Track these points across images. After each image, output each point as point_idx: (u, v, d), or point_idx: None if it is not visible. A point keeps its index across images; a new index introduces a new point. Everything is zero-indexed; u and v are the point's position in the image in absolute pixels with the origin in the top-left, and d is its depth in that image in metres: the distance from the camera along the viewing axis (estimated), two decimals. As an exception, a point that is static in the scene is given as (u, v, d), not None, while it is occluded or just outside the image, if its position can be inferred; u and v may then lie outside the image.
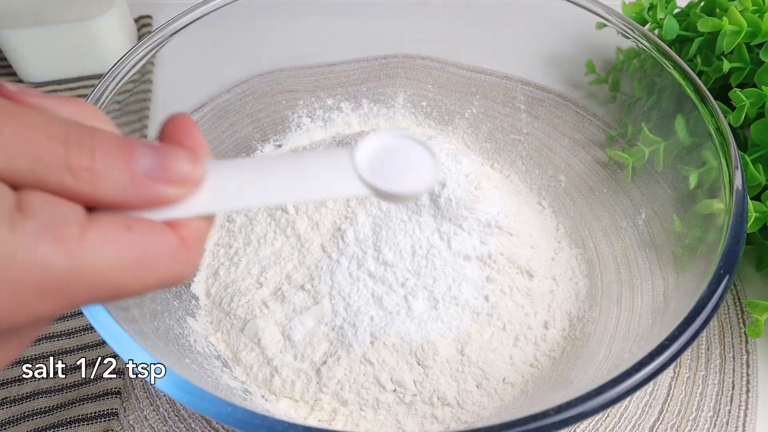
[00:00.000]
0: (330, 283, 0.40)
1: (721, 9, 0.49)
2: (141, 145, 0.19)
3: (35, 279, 0.17)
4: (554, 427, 0.26)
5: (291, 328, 0.40)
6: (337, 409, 0.38)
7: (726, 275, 0.31)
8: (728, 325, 0.45)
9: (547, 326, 0.41)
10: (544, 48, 0.50)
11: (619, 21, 0.44)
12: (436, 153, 0.23)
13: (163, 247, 0.19)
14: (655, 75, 0.43)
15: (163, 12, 0.69)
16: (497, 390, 0.38)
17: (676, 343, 0.29)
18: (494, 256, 0.41)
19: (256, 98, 0.51)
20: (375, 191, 0.22)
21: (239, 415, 0.27)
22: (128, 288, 0.19)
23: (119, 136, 0.19)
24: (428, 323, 0.39)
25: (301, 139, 0.53)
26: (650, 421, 0.40)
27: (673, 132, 0.41)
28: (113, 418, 0.40)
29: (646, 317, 0.37)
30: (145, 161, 0.19)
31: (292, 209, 0.44)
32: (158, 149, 0.19)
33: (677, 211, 0.40)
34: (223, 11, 0.45)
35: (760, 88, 0.43)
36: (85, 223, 0.18)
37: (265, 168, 0.22)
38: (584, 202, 0.48)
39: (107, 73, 0.39)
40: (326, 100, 0.54)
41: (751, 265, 0.47)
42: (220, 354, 0.40)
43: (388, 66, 0.54)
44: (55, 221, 0.17)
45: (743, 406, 0.41)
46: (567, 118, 0.50)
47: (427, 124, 0.55)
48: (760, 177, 0.42)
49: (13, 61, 0.60)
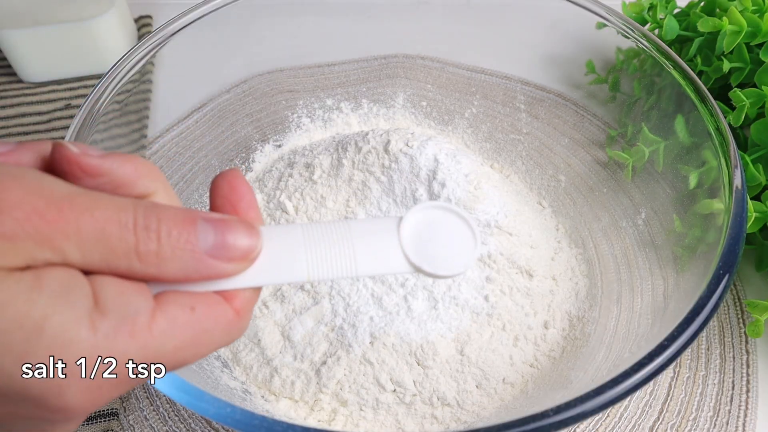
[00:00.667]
0: (329, 283, 0.40)
1: (721, 9, 0.49)
2: (202, 221, 0.20)
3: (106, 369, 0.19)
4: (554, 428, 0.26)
5: (291, 329, 0.40)
6: (336, 410, 0.38)
7: (726, 275, 0.31)
8: (728, 325, 0.45)
9: (546, 326, 0.41)
10: (544, 48, 0.50)
11: (619, 21, 0.44)
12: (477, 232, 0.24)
13: (221, 322, 0.21)
14: (655, 75, 0.43)
15: (163, 12, 0.69)
16: (497, 390, 0.38)
17: (676, 343, 0.29)
18: (494, 256, 0.41)
19: (256, 98, 0.51)
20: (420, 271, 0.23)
21: (239, 415, 0.27)
22: (187, 361, 0.21)
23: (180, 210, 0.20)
24: (428, 323, 0.39)
25: (300, 139, 0.53)
26: (650, 421, 0.40)
27: (673, 132, 0.41)
28: (113, 418, 0.40)
29: (645, 317, 0.37)
30: (206, 239, 0.20)
31: (292, 209, 0.44)
32: (218, 225, 0.21)
33: (677, 211, 0.40)
34: (223, 11, 0.45)
35: (760, 88, 0.43)
36: (154, 308, 0.20)
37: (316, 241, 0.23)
38: (584, 201, 0.48)
39: (107, 73, 0.39)
40: (326, 100, 0.54)
41: (751, 265, 0.47)
42: (219, 354, 0.40)
43: (388, 66, 0.54)
44: (128, 314, 0.19)
45: (743, 406, 0.41)
46: (567, 118, 0.50)
47: (427, 124, 0.55)
48: (760, 177, 0.42)
49: (12, 61, 0.60)
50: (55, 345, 0.18)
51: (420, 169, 0.41)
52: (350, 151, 0.42)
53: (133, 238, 0.19)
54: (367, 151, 0.42)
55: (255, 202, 0.23)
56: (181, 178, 0.46)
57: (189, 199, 0.46)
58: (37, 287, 0.18)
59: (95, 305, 0.19)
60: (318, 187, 0.43)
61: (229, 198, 0.23)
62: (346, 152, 0.42)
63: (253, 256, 0.22)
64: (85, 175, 0.20)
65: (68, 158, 0.20)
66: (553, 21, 0.48)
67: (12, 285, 0.17)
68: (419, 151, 0.41)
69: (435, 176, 0.40)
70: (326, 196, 0.43)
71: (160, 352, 0.19)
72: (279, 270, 0.22)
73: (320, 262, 0.22)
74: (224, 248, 0.21)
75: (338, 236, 0.23)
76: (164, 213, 0.20)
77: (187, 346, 0.20)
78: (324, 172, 0.43)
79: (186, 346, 0.20)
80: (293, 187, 0.44)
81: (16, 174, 0.19)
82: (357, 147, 0.42)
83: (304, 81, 0.53)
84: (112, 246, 0.19)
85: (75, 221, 0.18)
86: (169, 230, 0.20)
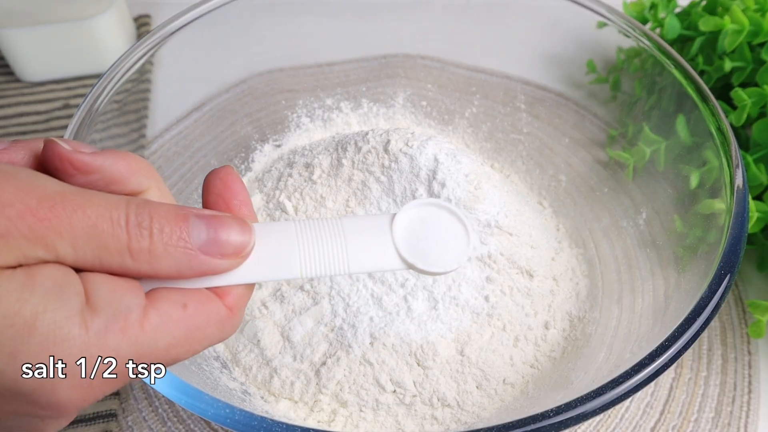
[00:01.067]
0: (329, 283, 0.40)
1: (723, 8, 0.49)
2: (195, 218, 0.20)
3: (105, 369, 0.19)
4: (554, 428, 0.26)
5: (290, 329, 0.39)
6: (336, 410, 0.38)
7: (727, 275, 0.31)
8: (730, 326, 0.45)
9: (547, 326, 0.41)
10: (544, 47, 0.50)
11: (620, 20, 0.44)
12: (470, 228, 0.24)
13: (214, 318, 0.21)
14: (656, 74, 0.43)
15: (162, 11, 0.68)
16: (497, 391, 0.38)
17: (677, 344, 0.29)
18: (494, 256, 0.41)
19: (256, 98, 0.51)
20: (413, 268, 0.23)
21: (238, 416, 0.27)
22: (180, 358, 0.21)
23: (173, 207, 0.20)
24: (428, 324, 0.39)
25: (300, 139, 0.53)
26: (651, 422, 0.40)
27: (674, 131, 0.41)
28: (112, 419, 0.40)
29: (646, 317, 0.36)
30: (198, 235, 0.20)
31: (291, 209, 0.44)
32: (210, 222, 0.21)
33: (678, 211, 0.39)
34: (222, 10, 0.45)
35: (761, 88, 0.43)
36: (146, 306, 0.20)
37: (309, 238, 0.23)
38: (585, 201, 0.48)
39: (106, 72, 0.39)
40: (326, 99, 0.53)
41: (752, 266, 0.47)
42: (219, 355, 0.40)
43: (388, 66, 0.54)
44: (120, 312, 0.19)
45: (745, 407, 0.41)
46: (567, 118, 0.50)
47: (427, 124, 0.54)
48: (762, 177, 0.41)
49: (11, 60, 0.59)
50: (47, 342, 0.18)
51: (420, 169, 0.40)
52: (350, 151, 0.42)
53: (126, 236, 0.19)
54: (366, 150, 0.42)
55: (248, 199, 0.23)
56: (180, 178, 0.46)
57: (188, 199, 0.46)
58: (29, 285, 0.18)
59: (87, 303, 0.19)
60: (318, 187, 0.43)
61: (222, 195, 0.23)
62: (346, 152, 0.42)
63: (246, 252, 0.22)
64: (77, 172, 0.20)
65: (60, 156, 0.20)
66: (553, 20, 0.48)
67: (3, 283, 0.17)
68: (419, 151, 0.40)
69: (435, 176, 0.40)
70: (326, 196, 0.43)
71: (153, 349, 0.20)
72: (272, 267, 0.22)
73: (313, 259, 0.22)
74: (217, 244, 0.21)
75: (331, 233, 0.23)
76: (156, 210, 0.20)
77: (179, 343, 0.20)
78: (324, 171, 0.43)
79: (179, 343, 0.20)
80: (293, 187, 0.44)
81: (8, 172, 0.19)
82: (357, 147, 0.42)
83: (303, 81, 0.53)
84: (105, 243, 0.19)
85: (67, 219, 0.18)
86: (162, 227, 0.20)
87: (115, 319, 0.19)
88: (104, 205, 0.19)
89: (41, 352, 0.18)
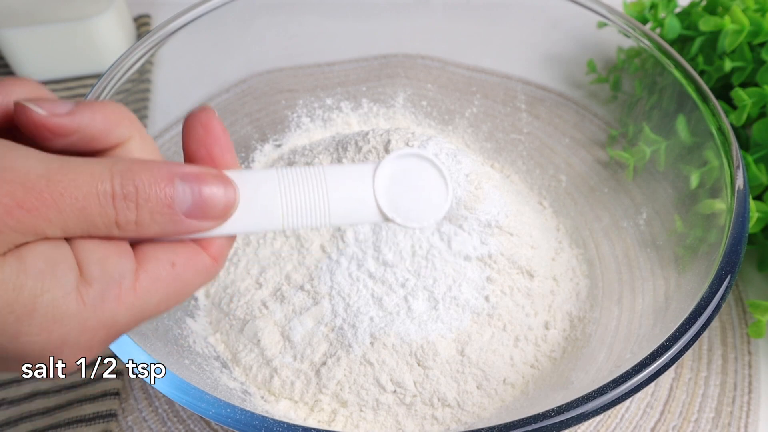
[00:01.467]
0: (330, 283, 0.40)
1: (723, 8, 0.49)
2: (180, 181, 0.20)
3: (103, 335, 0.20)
4: (554, 428, 0.26)
5: (290, 329, 0.39)
6: (336, 410, 0.38)
7: (727, 275, 0.31)
8: (730, 326, 0.45)
9: (547, 327, 0.41)
10: (544, 47, 0.50)
11: (620, 20, 0.44)
12: (449, 182, 0.24)
13: (201, 271, 0.22)
14: (657, 74, 0.43)
15: (162, 11, 0.68)
16: (497, 391, 0.38)
17: (678, 344, 0.29)
18: (494, 256, 0.41)
19: (256, 98, 0.51)
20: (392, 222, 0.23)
21: (238, 416, 0.27)
22: (168, 309, 0.22)
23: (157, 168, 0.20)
24: (428, 324, 0.39)
25: (300, 138, 0.53)
26: (651, 422, 0.40)
27: (674, 131, 0.41)
28: (112, 419, 0.40)
29: (647, 318, 0.36)
30: (184, 200, 0.20)
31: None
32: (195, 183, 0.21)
33: (678, 211, 0.39)
34: (222, 10, 0.45)
35: (762, 88, 0.43)
36: (137, 269, 0.20)
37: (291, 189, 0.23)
38: (585, 202, 0.48)
39: (106, 72, 0.39)
40: (326, 99, 0.53)
41: (753, 266, 0.47)
42: (219, 355, 0.40)
43: (388, 66, 0.54)
44: (113, 280, 0.20)
45: (745, 407, 0.41)
46: (568, 118, 0.50)
47: (427, 124, 0.54)
48: (762, 177, 0.41)
49: (11, 60, 0.59)
50: (47, 322, 0.18)
51: (420, 169, 0.40)
52: (350, 151, 0.42)
53: (113, 212, 0.19)
54: (367, 150, 0.42)
55: (230, 143, 0.23)
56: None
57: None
58: (22, 270, 0.18)
59: (80, 275, 0.19)
60: (318, 186, 0.43)
61: (203, 142, 0.22)
62: (346, 152, 0.42)
63: (231, 212, 0.22)
64: (56, 136, 0.20)
65: (35, 123, 0.19)
66: (553, 20, 0.48)
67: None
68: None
69: (435, 176, 0.40)
70: (326, 195, 0.43)
71: (145, 309, 0.20)
72: (256, 218, 0.22)
73: (295, 211, 0.22)
74: (202, 208, 0.21)
75: (313, 184, 0.23)
76: (141, 176, 0.20)
77: (170, 298, 0.21)
78: (324, 171, 0.43)
79: (169, 298, 0.21)
80: (293, 187, 0.44)
81: None
82: (357, 147, 0.42)
83: (303, 80, 0.53)
84: (93, 221, 0.19)
85: (55, 205, 0.18)
86: (147, 196, 0.20)
87: (109, 288, 0.19)
88: (89, 180, 0.19)
89: (42, 331, 0.18)
